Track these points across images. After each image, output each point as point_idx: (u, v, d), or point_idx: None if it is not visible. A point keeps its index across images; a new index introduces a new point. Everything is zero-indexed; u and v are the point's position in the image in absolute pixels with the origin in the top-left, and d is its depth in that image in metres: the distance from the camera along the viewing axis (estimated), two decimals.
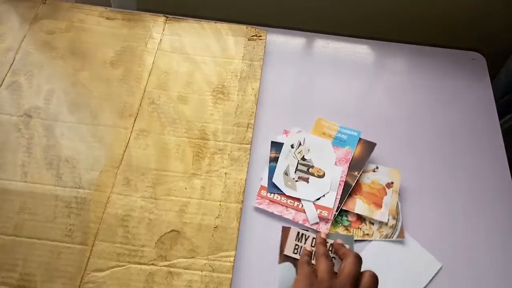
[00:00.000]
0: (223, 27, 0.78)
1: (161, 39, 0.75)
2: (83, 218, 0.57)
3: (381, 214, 0.61)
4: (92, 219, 0.57)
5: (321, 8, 0.82)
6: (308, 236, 0.59)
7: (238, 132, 0.66)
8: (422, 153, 0.68)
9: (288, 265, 0.57)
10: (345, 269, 0.50)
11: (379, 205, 0.61)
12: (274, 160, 0.64)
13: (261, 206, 0.61)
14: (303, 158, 0.64)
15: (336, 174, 0.63)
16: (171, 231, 0.57)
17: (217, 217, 0.58)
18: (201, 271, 0.54)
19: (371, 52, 0.80)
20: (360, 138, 0.66)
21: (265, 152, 0.66)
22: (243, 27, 0.78)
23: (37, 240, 0.55)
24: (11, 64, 0.70)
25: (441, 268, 0.58)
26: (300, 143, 0.65)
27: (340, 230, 0.60)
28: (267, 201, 0.61)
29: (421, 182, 0.65)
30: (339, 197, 0.61)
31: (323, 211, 0.60)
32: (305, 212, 0.60)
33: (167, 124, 0.66)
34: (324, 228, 0.59)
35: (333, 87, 0.75)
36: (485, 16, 0.78)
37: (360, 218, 0.61)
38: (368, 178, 0.64)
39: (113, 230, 0.57)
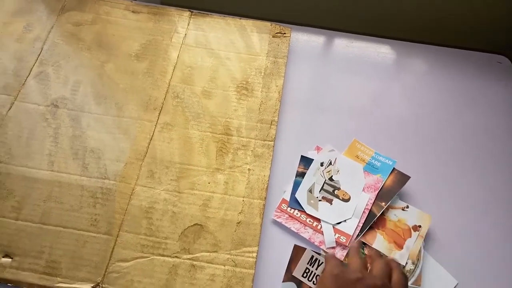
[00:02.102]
0: (248, 23, 0.78)
1: (185, 34, 0.75)
2: (108, 208, 0.58)
3: (400, 256, 0.57)
4: (117, 210, 0.58)
5: (344, 6, 0.82)
6: (322, 263, 0.57)
7: (261, 128, 0.66)
8: (443, 157, 0.68)
9: (291, 285, 0.55)
10: (376, 266, 0.49)
11: (400, 246, 0.58)
12: (300, 175, 0.63)
13: (279, 220, 0.60)
14: (330, 178, 0.62)
15: (362, 201, 0.60)
16: (194, 224, 0.58)
17: (240, 213, 0.59)
18: (224, 266, 0.55)
19: (394, 52, 0.79)
20: (394, 168, 0.63)
21: (287, 150, 0.66)
22: (268, 24, 0.78)
23: (63, 228, 0.56)
24: (39, 54, 0.71)
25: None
26: (330, 162, 0.63)
27: None
28: (286, 215, 0.60)
29: (439, 188, 0.65)
30: (361, 225, 0.59)
31: (341, 237, 0.58)
32: (323, 234, 0.58)
33: (191, 119, 0.67)
34: (339, 255, 0.57)
35: (355, 87, 0.75)
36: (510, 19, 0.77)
37: (379, 253, 0.58)
38: (395, 215, 0.60)
39: (138, 222, 0.57)
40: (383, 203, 0.60)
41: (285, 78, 0.72)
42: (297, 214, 0.60)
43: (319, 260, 0.57)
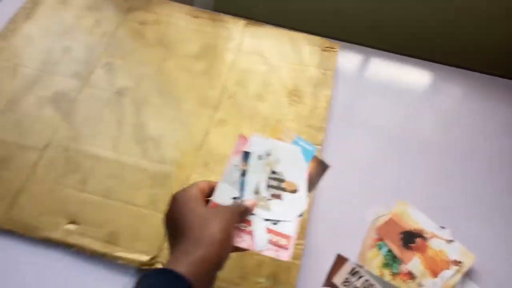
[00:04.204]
0: (299, 36, 0.83)
1: (241, 41, 0.81)
2: (166, 191, 0.62)
3: (433, 283, 0.58)
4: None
5: (388, 27, 0.87)
6: (362, 276, 0.59)
7: (310, 133, 0.70)
8: (484, 195, 0.69)
9: None
10: None
11: (435, 274, 0.59)
12: (244, 174, 0.52)
13: None
14: (273, 171, 0.53)
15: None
16: None
17: None
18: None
19: (433, 75, 0.83)
20: (315, 155, 0.55)
21: (334, 157, 0.70)
22: (318, 38, 0.83)
23: (124, 204, 0.60)
24: (107, 47, 0.76)
25: None
26: (268, 153, 0.54)
27: (387, 273, 0.60)
28: None
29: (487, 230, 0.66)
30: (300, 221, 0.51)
31: (281, 239, 0.49)
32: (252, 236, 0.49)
33: (244, 118, 0.71)
34: (285, 256, 0.48)
35: (388, 109, 0.78)
36: None
37: (412, 274, 0.60)
38: (439, 246, 0.62)
39: None
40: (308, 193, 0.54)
41: (332, 91, 0.77)
42: None
43: (360, 272, 0.59)
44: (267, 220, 0.50)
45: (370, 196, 0.67)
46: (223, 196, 0.49)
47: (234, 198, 0.50)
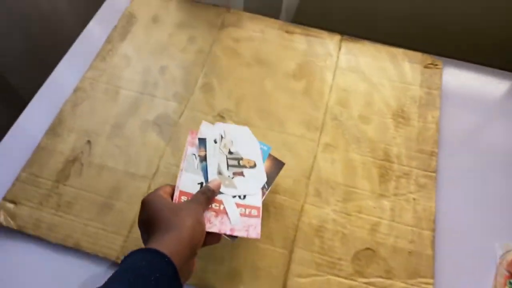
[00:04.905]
0: (398, 51, 0.79)
1: (338, 57, 0.77)
2: (282, 223, 0.59)
3: None
4: (289, 225, 0.59)
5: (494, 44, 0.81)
6: None
7: (422, 158, 0.66)
8: None
9: None
10: None
11: None
12: (204, 159, 0.56)
13: None
14: (229, 152, 0.57)
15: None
16: (366, 249, 0.58)
17: (410, 242, 0.59)
18: None
19: None
20: (269, 154, 0.58)
21: (449, 184, 0.65)
22: (418, 54, 0.78)
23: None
24: (203, 66, 0.74)
25: None
26: (221, 136, 0.59)
27: None
28: None
29: None
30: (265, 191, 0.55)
31: (252, 210, 0.52)
32: (227, 214, 0.51)
33: (351, 142, 0.68)
34: (257, 224, 0.51)
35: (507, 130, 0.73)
36: None
37: None
38: None
39: (310, 239, 0.58)
40: (264, 189, 0.56)
41: (441, 111, 0.72)
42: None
43: None
44: (234, 196, 0.53)
45: (493, 228, 0.62)
46: (189, 184, 0.52)
47: (200, 183, 0.53)
